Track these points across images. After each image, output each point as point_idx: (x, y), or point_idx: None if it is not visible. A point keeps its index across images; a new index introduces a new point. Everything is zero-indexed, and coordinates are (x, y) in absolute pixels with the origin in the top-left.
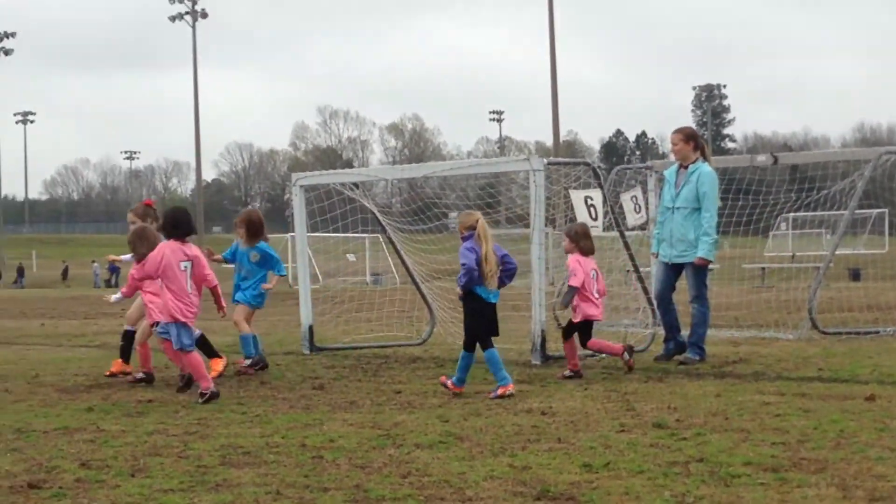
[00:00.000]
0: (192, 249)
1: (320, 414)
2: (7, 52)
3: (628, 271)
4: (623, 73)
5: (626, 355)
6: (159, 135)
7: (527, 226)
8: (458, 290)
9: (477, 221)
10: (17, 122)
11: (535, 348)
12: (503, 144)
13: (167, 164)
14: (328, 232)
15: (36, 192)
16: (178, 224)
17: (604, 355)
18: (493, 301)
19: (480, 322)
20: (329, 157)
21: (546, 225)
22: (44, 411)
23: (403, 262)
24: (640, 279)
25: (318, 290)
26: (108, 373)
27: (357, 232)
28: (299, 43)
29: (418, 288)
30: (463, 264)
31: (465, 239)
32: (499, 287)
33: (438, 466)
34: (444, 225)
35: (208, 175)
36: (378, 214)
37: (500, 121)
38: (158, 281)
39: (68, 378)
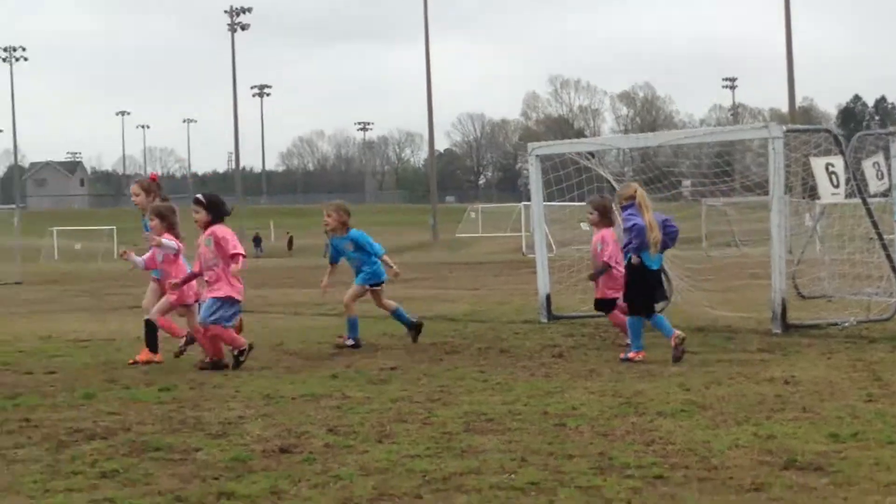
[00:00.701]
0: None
1: (560, 382)
2: (244, 27)
3: (871, 239)
4: (860, 36)
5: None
6: (392, 106)
7: (761, 194)
8: (633, 257)
9: (636, 191)
10: (253, 96)
11: (776, 317)
12: (736, 112)
13: (400, 134)
14: (564, 201)
15: (273, 164)
16: (226, 208)
17: (846, 323)
18: (654, 268)
19: (645, 288)
20: (560, 127)
21: (784, 193)
22: (290, 378)
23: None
24: (884, 247)
25: (553, 259)
26: (131, 361)
27: None
28: (530, 13)
29: None
30: (633, 225)
31: (625, 209)
32: (662, 250)
33: (682, 435)
34: (679, 194)
35: (440, 145)
36: (614, 183)
37: (732, 87)
38: (219, 262)
39: (311, 345)
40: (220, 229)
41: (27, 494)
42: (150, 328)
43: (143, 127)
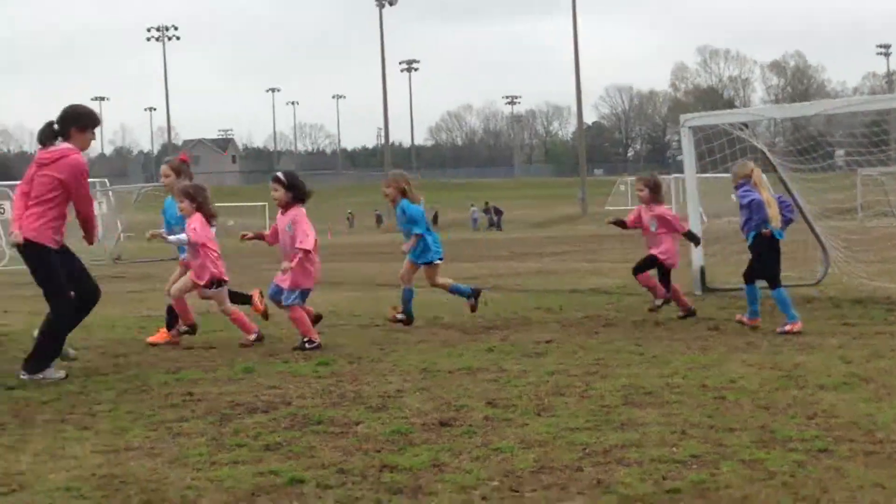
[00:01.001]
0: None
1: (718, 355)
2: (391, 3)
3: None
4: None
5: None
6: (540, 79)
7: None
8: (764, 230)
9: (752, 171)
10: (402, 71)
11: None
12: (891, 79)
13: (548, 107)
14: (717, 172)
15: (421, 139)
16: (305, 190)
17: None
18: (780, 238)
19: (776, 259)
20: (709, 97)
21: None
22: (446, 352)
23: (795, 202)
24: None
25: (706, 232)
26: (150, 340)
27: None
28: None
29: (811, 227)
30: (752, 200)
31: (739, 187)
32: (785, 226)
33: (845, 408)
34: (832, 164)
35: (589, 118)
36: (769, 154)
37: (887, 55)
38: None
39: (466, 319)
40: (300, 216)
41: (194, 466)
42: (172, 313)
43: (292, 103)
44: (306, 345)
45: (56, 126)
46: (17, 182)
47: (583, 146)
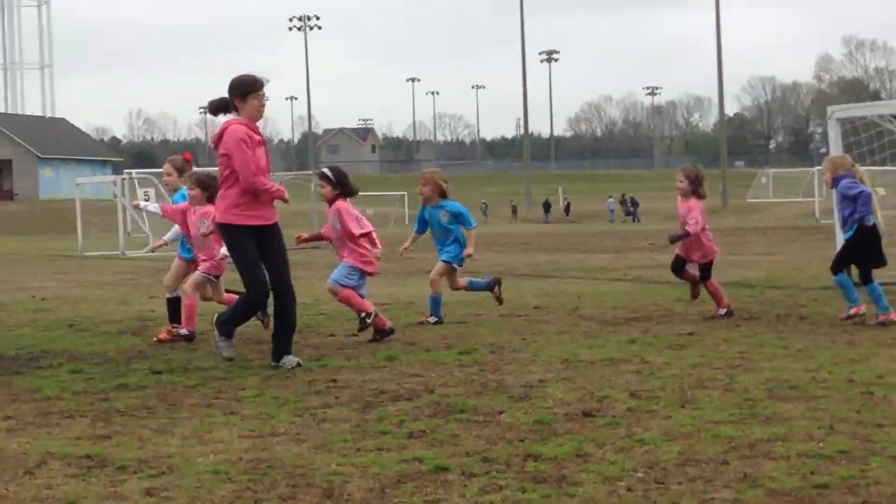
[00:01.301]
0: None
1: (865, 349)
2: None
3: None
4: None
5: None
6: (681, 70)
7: None
8: (867, 221)
9: (853, 165)
10: (541, 62)
11: None
12: None
13: (688, 98)
14: (864, 165)
15: (561, 130)
16: (351, 185)
17: None
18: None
19: (876, 250)
20: (854, 89)
21: None
22: (588, 343)
23: None
24: None
25: None
26: (157, 338)
27: (893, 165)
28: None
29: None
30: (861, 192)
31: (839, 179)
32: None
33: None
34: None
35: (730, 109)
36: None
37: None
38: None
39: (607, 311)
40: (345, 208)
41: (339, 452)
42: (174, 307)
43: (432, 93)
44: (367, 320)
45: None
46: (160, 169)
47: (724, 138)
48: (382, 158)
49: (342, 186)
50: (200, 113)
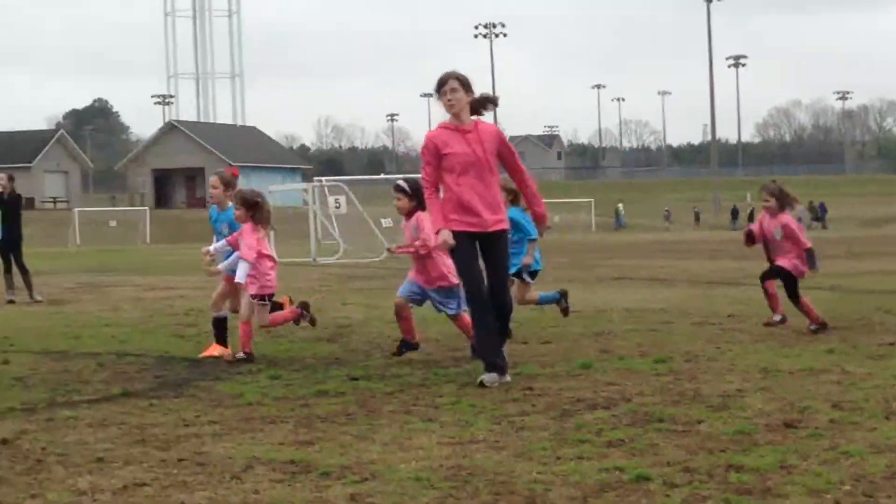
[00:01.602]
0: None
1: None
2: None
3: None
4: None
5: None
6: (873, 73)
7: None
8: None
9: None
10: (729, 66)
11: None
12: None
13: (881, 103)
14: None
15: (748, 135)
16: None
17: None
18: None
19: None
20: None
21: None
22: (785, 352)
23: None
24: None
25: None
26: (203, 354)
27: None
28: None
29: None
30: None
31: None
32: None
33: None
34: None
35: None
36: None
37: None
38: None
39: (802, 319)
40: (422, 219)
41: (539, 461)
42: (220, 326)
43: (618, 100)
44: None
45: None
46: (351, 177)
47: None
48: (568, 165)
49: (419, 198)
50: (388, 120)
